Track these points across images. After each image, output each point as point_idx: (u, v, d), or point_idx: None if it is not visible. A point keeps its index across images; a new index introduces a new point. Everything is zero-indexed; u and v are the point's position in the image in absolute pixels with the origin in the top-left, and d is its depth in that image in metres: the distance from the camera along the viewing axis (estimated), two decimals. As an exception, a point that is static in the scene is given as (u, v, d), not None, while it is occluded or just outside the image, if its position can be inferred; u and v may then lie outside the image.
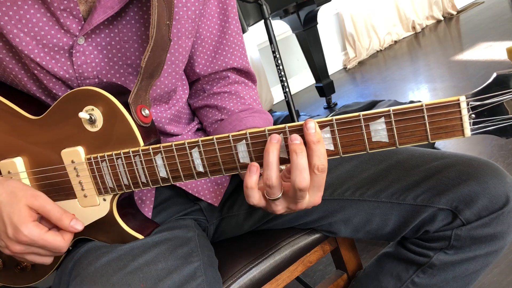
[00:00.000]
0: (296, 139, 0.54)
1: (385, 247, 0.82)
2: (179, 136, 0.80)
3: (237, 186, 0.84)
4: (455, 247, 0.68)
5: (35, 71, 0.67)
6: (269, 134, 0.55)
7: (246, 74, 0.86)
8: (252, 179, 0.57)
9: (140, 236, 0.68)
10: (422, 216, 0.69)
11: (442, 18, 4.27)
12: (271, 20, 2.18)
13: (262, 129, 0.55)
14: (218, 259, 0.76)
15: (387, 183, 0.72)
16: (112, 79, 0.69)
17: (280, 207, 0.59)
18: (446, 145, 1.96)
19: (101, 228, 0.69)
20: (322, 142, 0.54)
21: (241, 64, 0.83)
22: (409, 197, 0.70)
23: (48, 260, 0.66)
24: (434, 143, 1.90)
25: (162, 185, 0.63)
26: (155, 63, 0.65)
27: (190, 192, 0.79)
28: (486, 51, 2.85)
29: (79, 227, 0.64)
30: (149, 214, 0.76)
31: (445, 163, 0.69)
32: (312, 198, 0.57)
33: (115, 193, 0.66)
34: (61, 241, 0.63)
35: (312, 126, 0.53)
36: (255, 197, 0.58)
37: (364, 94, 3.05)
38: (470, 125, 0.49)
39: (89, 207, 0.68)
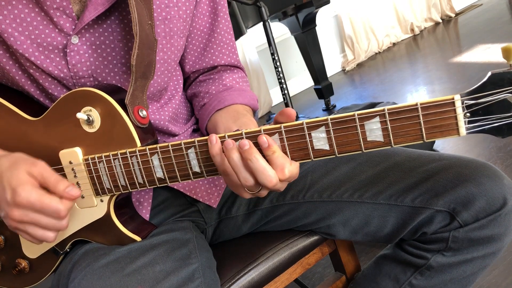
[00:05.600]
0: (245, 145, 0.54)
1: (383, 249, 0.82)
2: (176, 137, 0.80)
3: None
4: (453, 249, 0.68)
5: (31, 70, 0.67)
6: (265, 134, 0.55)
7: (235, 68, 0.87)
8: (215, 149, 0.56)
9: (137, 238, 0.68)
10: (419, 218, 0.68)
11: (441, 20, 4.28)
12: (270, 22, 2.18)
13: (258, 129, 0.55)
14: (217, 261, 0.75)
15: (385, 185, 0.72)
16: (107, 78, 0.69)
17: (264, 192, 0.59)
18: (445, 147, 1.96)
19: (98, 230, 0.69)
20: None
21: (228, 61, 0.85)
22: (407, 199, 0.70)
23: (50, 234, 0.63)
24: (433, 145, 1.91)
25: (158, 185, 0.63)
26: (145, 62, 0.65)
27: (187, 194, 0.79)
28: (484, 53, 2.86)
29: (75, 192, 0.61)
30: (146, 216, 0.76)
31: (442, 165, 0.69)
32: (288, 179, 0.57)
33: (112, 194, 0.66)
34: (59, 203, 0.60)
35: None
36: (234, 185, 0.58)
37: (363, 96, 3.05)
38: (465, 124, 0.48)
39: (87, 208, 0.68)
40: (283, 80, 2.14)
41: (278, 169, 0.54)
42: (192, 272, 0.65)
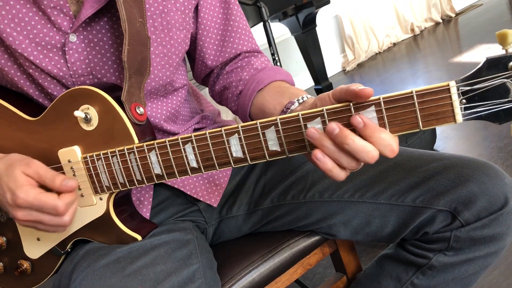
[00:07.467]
0: (334, 129, 0.49)
1: (385, 249, 0.82)
2: (176, 135, 0.80)
3: (236, 186, 0.84)
4: (455, 249, 0.68)
5: (30, 70, 0.67)
6: (261, 126, 0.54)
7: (258, 53, 0.85)
8: (328, 165, 0.51)
9: (137, 236, 0.68)
10: (421, 217, 0.68)
11: (441, 21, 4.28)
12: (270, 23, 2.18)
13: (254, 122, 0.55)
14: (217, 261, 0.75)
15: (386, 184, 0.72)
16: (106, 75, 0.70)
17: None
18: (445, 147, 1.96)
19: (99, 229, 0.69)
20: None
21: (250, 47, 0.83)
22: (408, 199, 0.69)
23: (60, 228, 0.64)
24: (433, 145, 1.90)
25: (156, 182, 0.63)
26: (138, 58, 0.65)
27: (188, 193, 0.78)
28: (484, 53, 2.86)
29: (72, 184, 0.62)
30: (147, 215, 0.76)
31: (443, 165, 0.69)
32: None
33: (111, 191, 0.66)
34: (56, 199, 0.61)
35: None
36: (342, 175, 0.52)
37: (363, 97, 3.05)
38: (462, 111, 0.47)
39: (86, 206, 0.68)
40: (283, 81, 2.13)
41: (380, 147, 0.49)
42: (192, 273, 0.64)
